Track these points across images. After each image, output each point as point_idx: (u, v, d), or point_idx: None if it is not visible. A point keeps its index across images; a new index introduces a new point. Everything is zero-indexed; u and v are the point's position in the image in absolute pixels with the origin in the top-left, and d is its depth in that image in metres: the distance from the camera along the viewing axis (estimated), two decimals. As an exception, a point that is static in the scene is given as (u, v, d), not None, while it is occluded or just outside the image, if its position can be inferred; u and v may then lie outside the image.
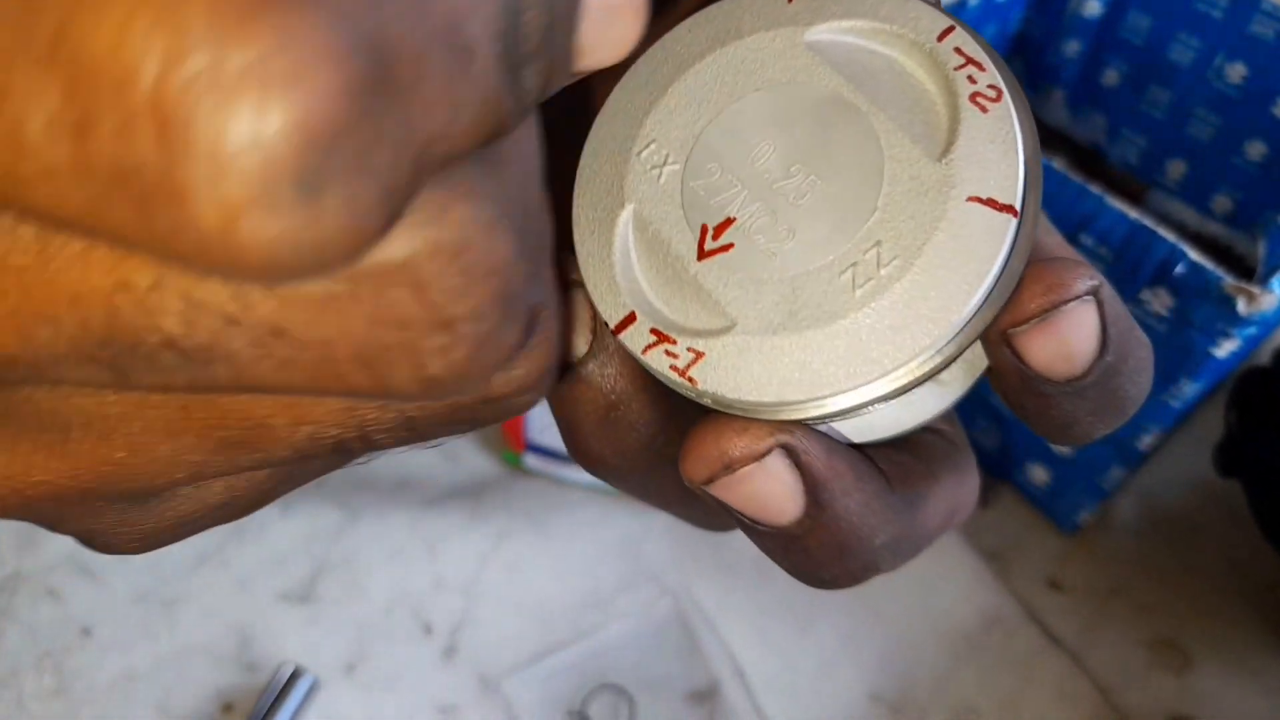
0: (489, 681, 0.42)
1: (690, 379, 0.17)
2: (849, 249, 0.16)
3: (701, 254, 0.17)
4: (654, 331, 0.17)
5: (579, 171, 0.19)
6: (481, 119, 0.11)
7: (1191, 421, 0.48)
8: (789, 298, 0.17)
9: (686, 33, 0.19)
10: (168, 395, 0.13)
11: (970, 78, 0.17)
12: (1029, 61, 0.54)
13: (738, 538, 0.48)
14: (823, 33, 0.18)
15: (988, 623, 0.45)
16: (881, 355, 0.16)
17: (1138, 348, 0.17)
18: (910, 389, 0.16)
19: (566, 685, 0.42)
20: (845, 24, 0.18)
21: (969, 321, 0.16)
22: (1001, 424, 0.46)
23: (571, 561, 0.45)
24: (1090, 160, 0.54)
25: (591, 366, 0.18)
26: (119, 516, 0.16)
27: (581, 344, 0.18)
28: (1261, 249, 0.49)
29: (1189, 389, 0.38)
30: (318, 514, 0.46)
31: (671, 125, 0.18)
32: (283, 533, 0.45)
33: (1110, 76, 0.51)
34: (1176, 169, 0.51)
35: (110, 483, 0.14)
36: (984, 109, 0.17)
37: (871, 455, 0.19)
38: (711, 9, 0.19)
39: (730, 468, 0.16)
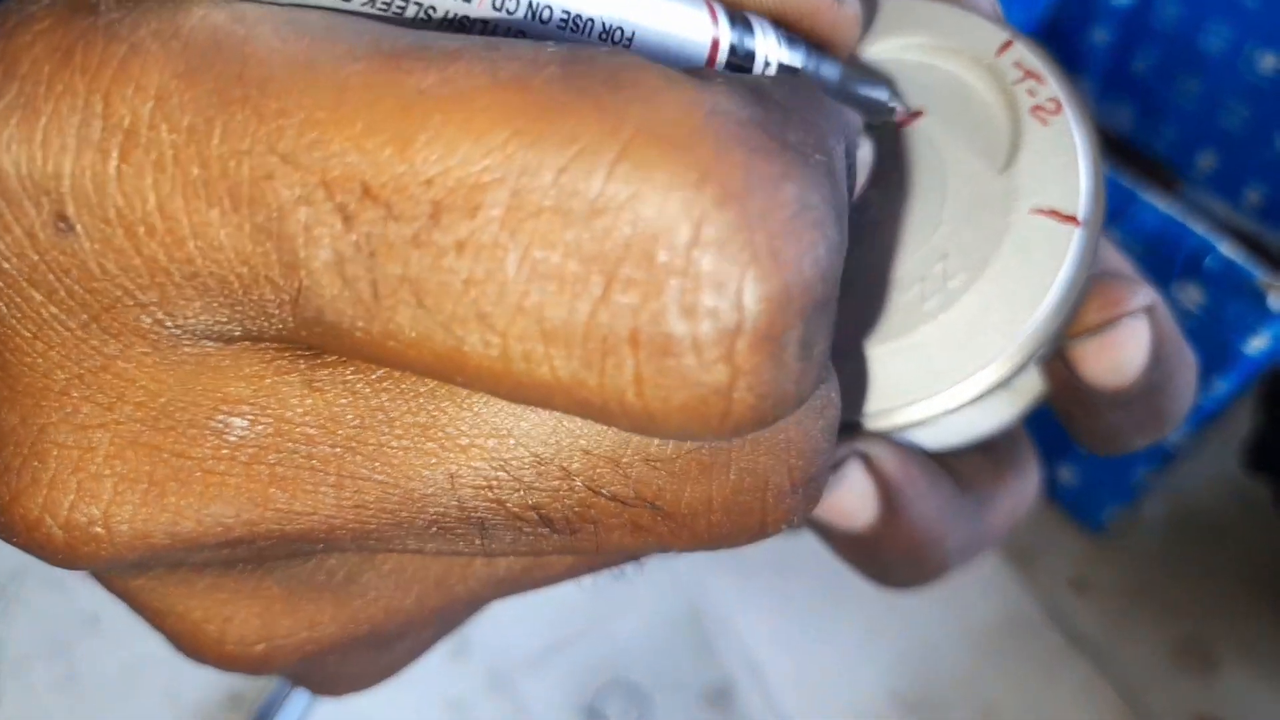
0: (499, 677, 0.42)
1: None
2: (917, 263, 0.16)
3: None
4: None
5: None
6: None
7: (1221, 421, 0.47)
8: (857, 312, 0.17)
9: None
10: None
11: (1030, 91, 0.17)
12: (1057, 50, 0.53)
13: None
14: (885, 50, 0.18)
15: (1010, 623, 0.44)
16: (951, 367, 0.16)
17: (1184, 367, 0.17)
18: (980, 399, 0.16)
19: (579, 681, 0.41)
20: (906, 40, 0.18)
21: (1035, 332, 0.16)
22: (1028, 423, 0.46)
23: (585, 555, 0.45)
24: (1120, 150, 0.53)
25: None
26: (367, 658, 0.15)
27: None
28: (1293, 243, 0.48)
29: (1220, 386, 0.38)
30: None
31: None
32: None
33: (1140, 65, 0.51)
34: (1207, 160, 0.50)
35: (386, 628, 0.14)
36: (1044, 121, 0.17)
37: (942, 458, 0.19)
38: None
39: None
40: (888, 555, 0.18)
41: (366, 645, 0.14)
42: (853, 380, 0.16)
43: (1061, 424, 0.18)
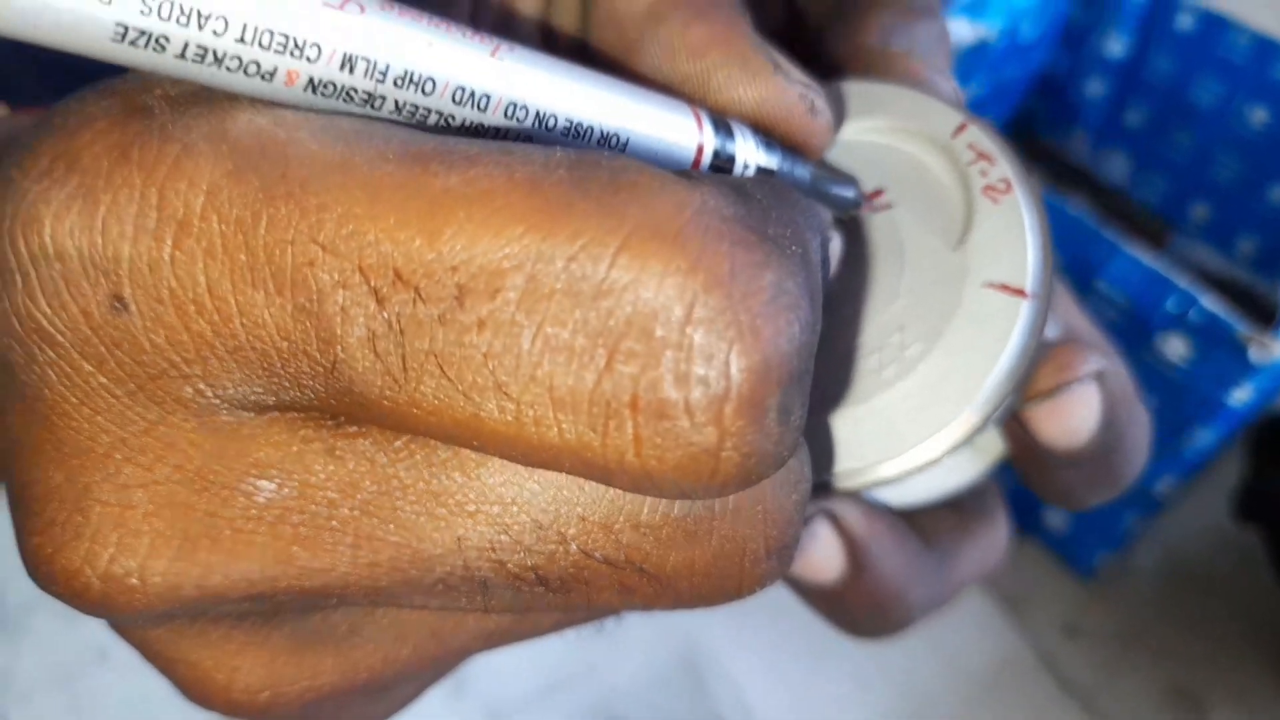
0: (497, 716, 0.42)
1: None
2: (876, 333, 0.17)
3: None
4: None
5: None
6: None
7: (1212, 470, 0.47)
8: (821, 380, 0.17)
9: None
10: None
11: (983, 171, 0.18)
12: (1052, 102, 0.54)
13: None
14: (848, 132, 0.19)
15: (1001, 667, 0.44)
16: (911, 431, 0.17)
17: (1136, 427, 0.18)
18: (940, 460, 0.17)
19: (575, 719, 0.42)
20: (867, 123, 0.19)
21: (989, 397, 0.17)
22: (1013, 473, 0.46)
23: (582, 595, 0.46)
24: (1113, 201, 0.54)
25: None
26: (364, 706, 0.16)
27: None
28: (1283, 294, 0.49)
29: (1203, 437, 0.38)
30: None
31: None
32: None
33: (1133, 118, 0.52)
34: (1200, 211, 0.51)
35: (383, 677, 0.15)
36: (995, 200, 0.18)
37: (910, 515, 0.19)
38: None
39: None
40: (854, 607, 0.19)
41: (364, 693, 0.15)
42: (820, 443, 0.17)
43: (1021, 481, 0.19)
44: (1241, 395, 0.37)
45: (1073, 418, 0.17)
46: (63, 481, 0.12)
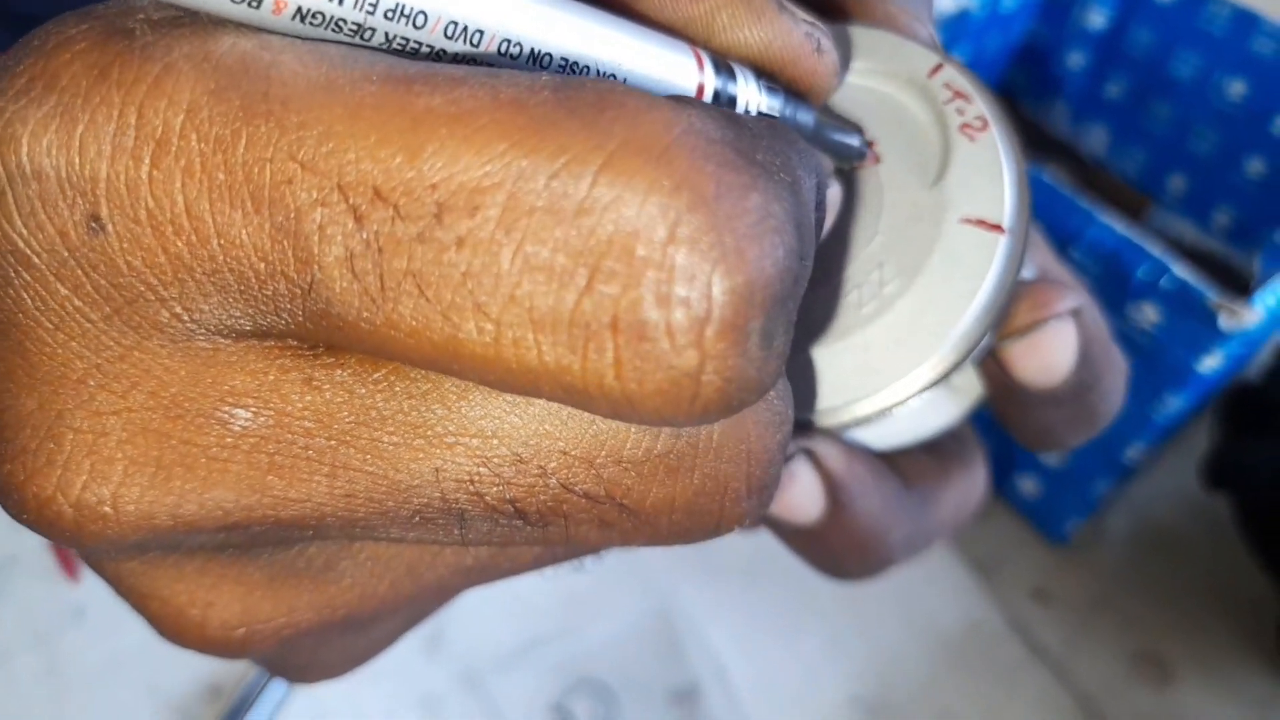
0: (472, 675, 0.42)
1: None
2: (854, 271, 0.18)
3: None
4: None
5: None
6: None
7: (1184, 437, 0.48)
8: (802, 318, 0.17)
9: None
10: None
11: (959, 110, 0.18)
12: (1033, 73, 0.54)
13: (724, 540, 0.48)
14: None
15: (971, 631, 0.45)
16: (889, 367, 0.17)
17: (1112, 369, 0.18)
18: (917, 396, 0.17)
19: (549, 680, 0.42)
20: (848, 66, 0.19)
21: (966, 332, 0.17)
22: (991, 435, 0.46)
23: (558, 558, 0.46)
24: (1092, 172, 0.54)
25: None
26: (341, 644, 0.16)
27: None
28: (1258, 265, 0.49)
29: (1173, 403, 0.39)
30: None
31: None
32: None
33: (1113, 90, 0.52)
34: (1177, 183, 0.51)
35: (360, 613, 0.15)
36: (972, 138, 0.18)
37: (890, 458, 0.20)
38: None
39: None
40: (835, 548, 0.19)
41: (341, 630, 0.15)
42: (800, 380, 0.17)
43: (1001, 424, 0.19)
44: (1212, 363, 0.37)
45: (1050, 354, 0.17)
46: (35, 408, 0.12)
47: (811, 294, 0.18)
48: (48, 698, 0.41)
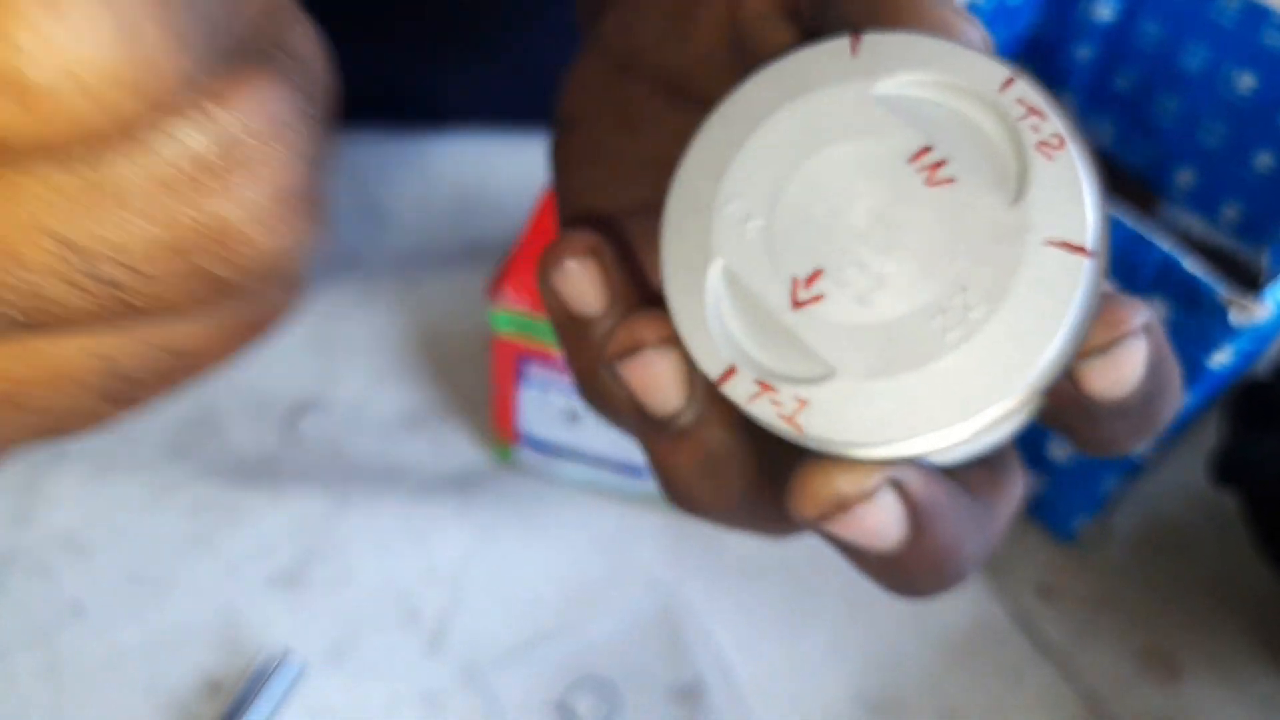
0: (474, 671, 0.42)
1: (797, 425, 0.18)
2: (937, 295, 0.17)
3: (795, 304, 0.18)
4: (757, 382, 0.18)
5: (664, 229, 0.20)
6: None
7: (1191, 434, 0.47)
8: (884, 344, 0.18)
9: (755, 88, 0.20)
10: None
11: (1034, 127, 0.18)
12: (1039, 66, 0.54)
13: (728, 537, 0.48)
14: (891, 86, 0.19)
15: (976, 628, 0.45)
16: (973, 396, 0.17)
17: (1173, 371, 0.19)
18: (1004, 423, 0.17)
19: (551, 677, 0.42)
20: (911, 77, 0.19)
21: (1055, 358, 0.17)
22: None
23: (560, 555, 0.46)
24: (1100, 166, 0.54)
25: (690, 419, 0.20)
26: None
27: (677, 398, 0.19)
28: (1267, 260, 0.49)
29: (1184, 399, 0.38)
30: (308, 501, 0.46)
31: (752, 181, 0.19)
32: (273, 519, 0.46)
33: (1121, 83, 0.51)
34: (1185, 177, 0.51)
35: None
36: (1049, 156, 0.18)
37: (951, 472, 0.20)
38: (777, 64, 0.20)
39: (844, 506, 0.18)
40: (912, 570, 0.19)
41: None
42: (885, 407, 0.17)
43: (1060, 434, 0.20)
44: (1221, 358, 0.37)
45: (1124, 370, 0.17)
46: None
47: (891, 318, 0.18)
48: (46, 694, 0.41)
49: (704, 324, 0.19)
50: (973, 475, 0.20)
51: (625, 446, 0.45)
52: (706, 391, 0.20)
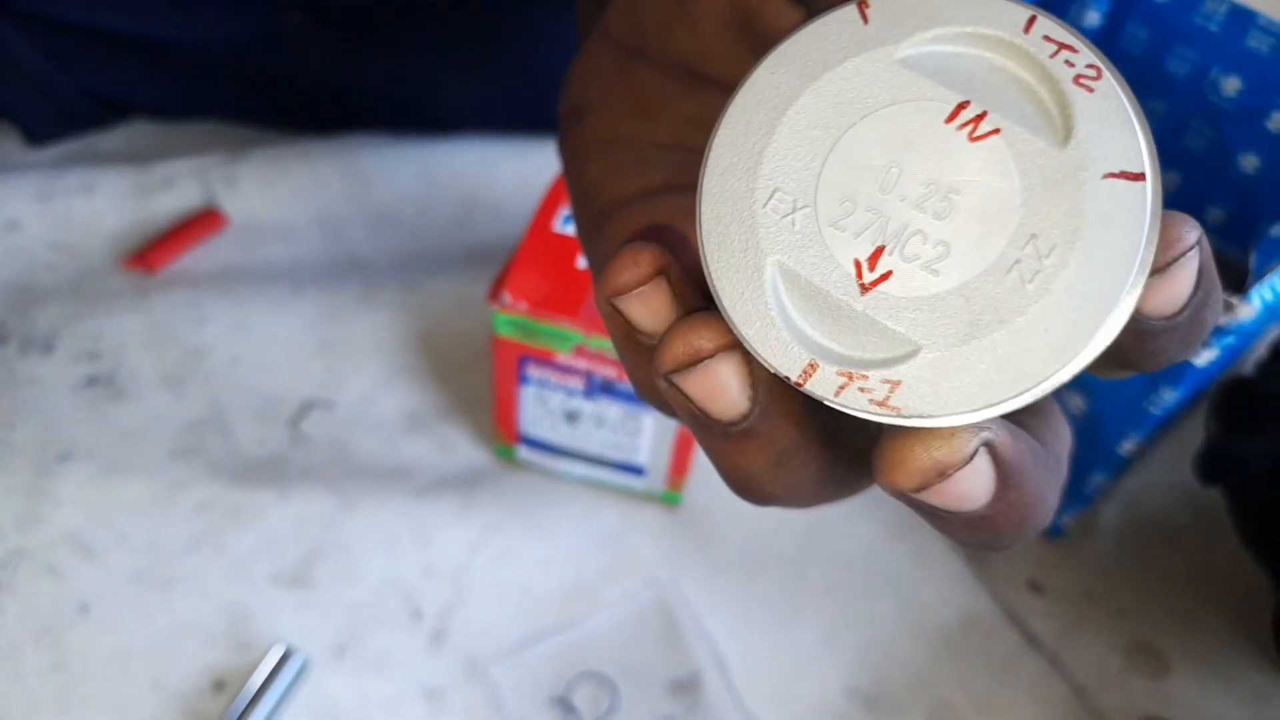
0: (475, 666, 0.43)
1: (894, 408, 0.17)
2: (1007, 248, 0.17)
3: (864, 289, 0.18)
4: (841, 374, 0.18)
5: (704, 236, 0.19)
6: None
7: (1177, 430, 0.48)
8: (965, 308, 0.17)
9: (769, 74, 0.19)
10: None
11: (1068, 62, 0.17)
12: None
13: (724, 534, 0.48)
14: (911, 47, 0.18)
15: (967, 622, 0.45)
16: (1068, 340, 0.17)
17: (1215, 281, 0.19)
18: (1095, 360, 0.17)
19: (551, 672, 0.43)
20: (931, 33, 0.18)
21: (1134, 288, 0.17)
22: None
23: (560, 552, 0.46)
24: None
25: (757, 421, 0.19)
26: None
27: (742, 403, 0.19)
28: (1253, 261, 0.49)
29: (1169, 396, 0.39)
30: (312, 500, 0.47)
31: (789, 170, 0.18)
32: (278, 518, 0.46)
33: (1107, 86, 0.52)
34: (1171, 180, 0.52)
35: None
36: (1090, 89, 0.17)
37: (1018, 420, 0.20)
38: (785, 46, 0.19)
39: (944, 474, 0.17)
40: (999, 525, 0.19)
41: None
42: (985, 369, 0.17)
43: (1105, 362, 0.19)
44: (1208, 355, 0.37)
45: (1181, 287, 0.17)
46: None
47: (965, 280, 0.17)
48: (53, 692, 0.41)
49: (773, 326, 0.18)
50: (1038, 426, 0.20)
51: (623, 446, 0.45)
52: (770, 387, 0.19)
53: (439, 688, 0.42)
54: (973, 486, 0.18)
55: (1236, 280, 0.48)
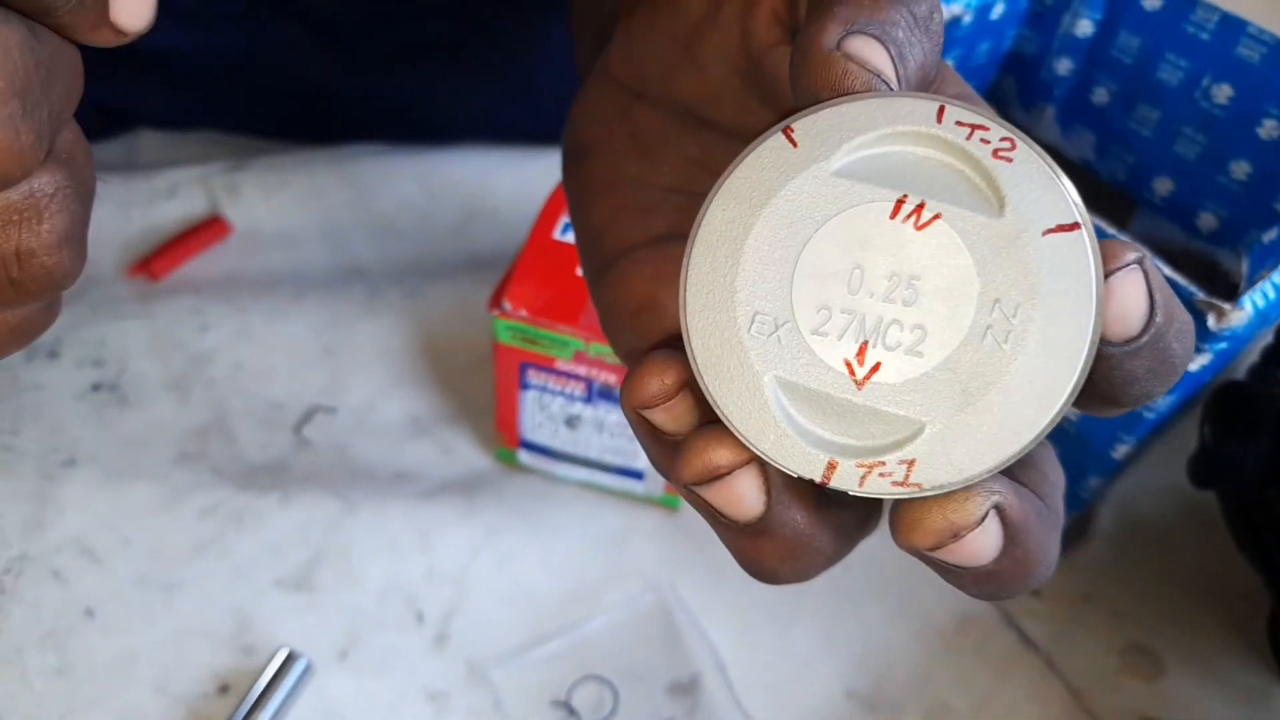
0: (477, 669, 0.43)
1: (915, 485, 0.19)
2: (976, 317, 0.19)
3: (859, 384, 0.19)
4: (860, 465, 0.19)
5: (699, 368, 0.20)
6: None
7: (1169, 434, 0.49)
8: (954, 379, 0.19)
9: (721, 211, 0.20)
10: None
11: (983, 139, 0.19)
12: (1021, 79, 0.55)
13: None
14: (842, 158, 0.20)
15: (964, 625, 0.46)
16: (1052, 386, 0.18)
17: (1180, 312, 0.20)
18: (1072, 402, 0.19)
19: (552, 675, 0.43)
20: (855, 141, 0.20)
21: (1097, 324, 0.18)
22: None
23: (560, 555, 0.47)
24: (1080, 176, 0.55)
25: (775, 519, 0.20)
26: None
27: (758, 506, 0.20)
28: (1244, 266, 0.50)
29: (1162, 401, 0.39)
30: (315, 505, 0.47)
31: (762, 293, 0.20)
32: (281, 522, 0.47)
33: (1100, 95, 0.53)
34: (1163, 186, 0.52)
35: None
36: (1009, 159, 0.19)
37: (1020, 479, 0.21)
38: (728, 184, 0.21)
39: (958, 535, 0.19)
40: (1005, 578, 0.20)
41: None
42: (982, 434, 0.19)
43: (1085, 404, 0.20)
44: (1200, 361, 0.38)
45: (1126, 302, 0.19)
46: None
47: (948, 354, 0.19)
48: (58, 696, 0.41)
49: (787, 436, 0.19)
50: (1036, 480, 0.21)
51: (623, 451, 0.46)
52: (782, 483, 0.20)
53: (441, 690, 0.43)
54: (983, 545, 0.19)
55: (1228, 286, 0.49)
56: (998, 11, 0.50)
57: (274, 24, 0.57)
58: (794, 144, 0.20)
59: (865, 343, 0.19)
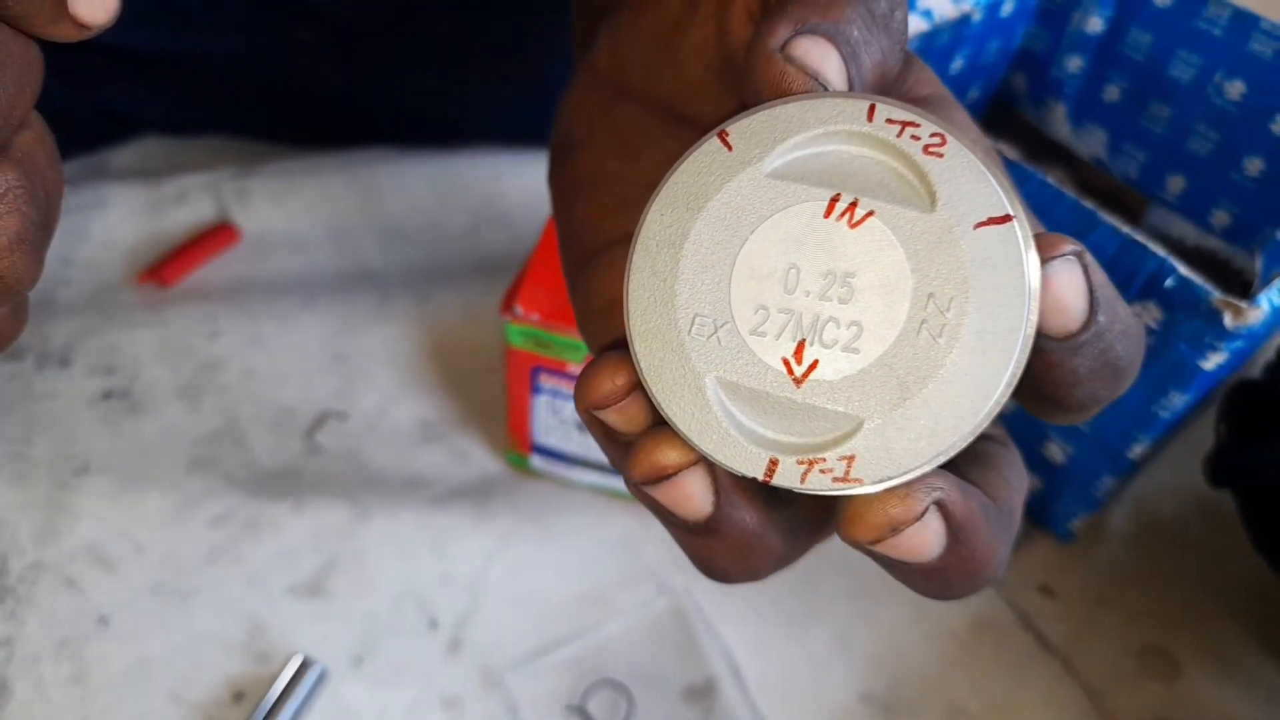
0: (492, 675, 0.43)
1: (855, 481, 0.19)
2: (911, 312, 0.19)
3: (798, 381, 0.20)
4: (800, 462, 0.19)
5: (643, 371, 0.20)
6: None
7: (1185, 432, 0.48)
8: (891, 375, 0.19)
9: (660, 215, 0.21)
10: None
11: (913, 136, 0.20)
12: (1032, 77, 0.55)
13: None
14: (776, 159, 0.20)
15: (979, 627, 0.45)
16: (988, 378, 0.19)
17: (1125, 313, 0.20)
18: (1010, 393, 0.19)
19: (567, 680, 0.43)
20: (789, 143, 0.20)
21: (1030, 316, 0.19)
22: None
23: (574, 560, 0.47)
24: (1092, 174, 0.55)
25: (724, 519, 0.21)
26: None
27: (707, 506, 0.20)
28: (1259, 264, 0.50)
29: (1178, 400, 0.39)
30: (328, 511, 0.47)
31: (701, 295, 0.20)
32: (294, 529, 0.47)
33: (1112, 92, 0.52)
34: (1176, 184, 0.52)
35: None
36: (940, 155, 0.19)
37: (972, 479, 0.21)
38: (665, 189, 0.21)
39: (897, 529, 0.19)
40: (951, 577, 0.20)
41: None
42: (921, 427, 0.19)
43: (1031, 401, 0.21)
44: (1215, 359, 0.38)
45: (1063, 293, 0.19)
46: None
47: (884, 350, 0.19)
48: (73, 704, 0.41)
49: (728, 435, 0.20)
50: (989, 480, 0.21)
51: (636, 454, 0.46)
52: (730, 483, 0.21)
53: (456, 696, 0.43)
54: (925, 540, 0.19)
55: (1242, 283, 0.49)
56: (1008, 9, 0.50)
57: (282, 28, 0.57)
58: (729, 147, 0.21)
59: (803, 341, 0.20)
